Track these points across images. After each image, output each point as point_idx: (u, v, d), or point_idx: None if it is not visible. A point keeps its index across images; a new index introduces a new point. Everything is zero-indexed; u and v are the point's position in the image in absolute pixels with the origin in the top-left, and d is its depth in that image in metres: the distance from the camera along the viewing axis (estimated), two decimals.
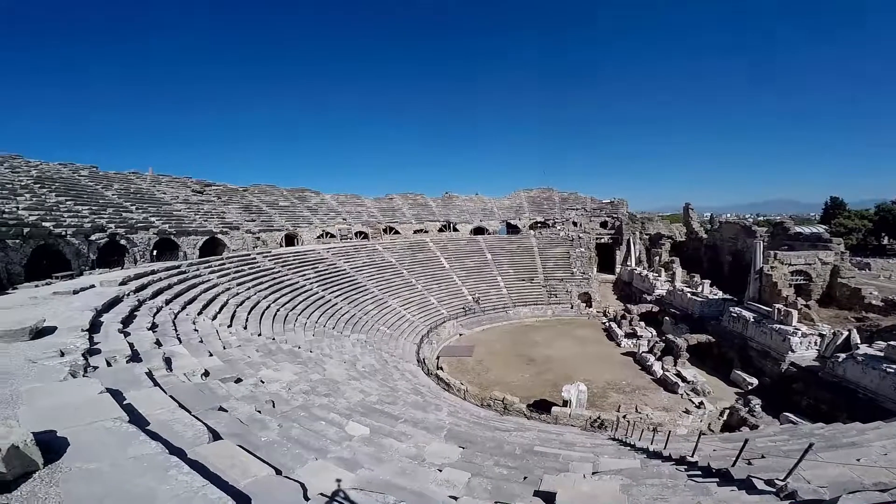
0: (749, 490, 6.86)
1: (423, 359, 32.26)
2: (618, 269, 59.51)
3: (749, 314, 31.91)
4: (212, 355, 12.34)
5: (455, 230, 63.33)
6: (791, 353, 26.87)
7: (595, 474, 8.48)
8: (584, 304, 50.71)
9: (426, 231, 61.88)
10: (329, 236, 54.23)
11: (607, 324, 42.69)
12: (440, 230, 62.83)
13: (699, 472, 8.56)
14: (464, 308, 45.92)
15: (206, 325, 17.44)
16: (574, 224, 64.25)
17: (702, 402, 25.05)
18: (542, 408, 23.68)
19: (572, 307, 49.66)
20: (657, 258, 54.23)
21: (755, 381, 27.75)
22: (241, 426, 7.34)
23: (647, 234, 61.13)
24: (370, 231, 58.03)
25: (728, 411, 24.03)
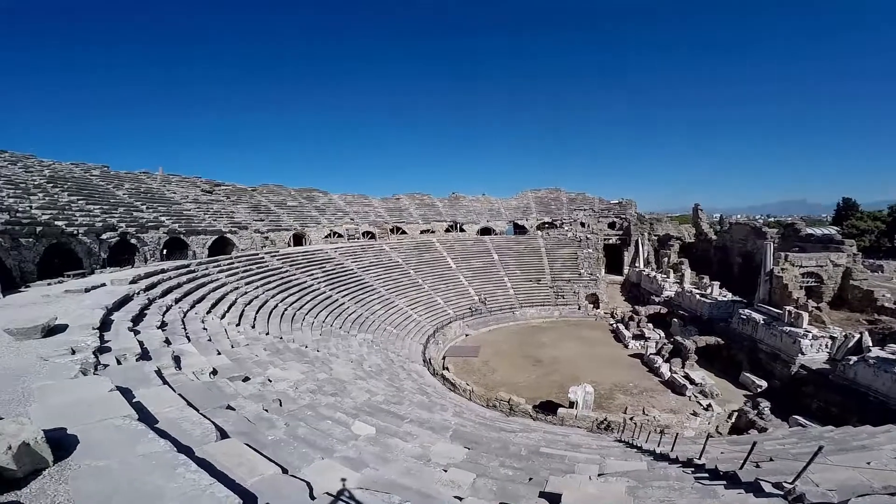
0: (757, 493, 6.81)
1: (429, 359, 32.28)
2: (626, 271, 59.10)
3: (759, 316, 31.58)
4: (220, 354, 12.45)
5: (462, 230, 63.26)
6: (801, 355, 26.57)
7: (601, 476, 8.45)
8: (592, 305, 50.42)
9: (433, 231, 61.85)
10: (337, 236, 54.43)
11: (615, 325, 42.49)
12: (447, 230, 62.79)
13: (706, 475, 8.50)
14: (470, 308, 45.87)
15: (215, 324, 17.60)
16: (582, 225, 63.84)
17: (710, 405, 24.87)
18: (547, 409, 23.61)
19: (579, 308, 49.43)
20: (666, 259, 53.76)
21: (764, 383, 27.48)
22: (248, 425, 7.41)
23: (655, 235, 60.66)
24: (377, 231, 58.16)
25: (736, 414, 23.83)
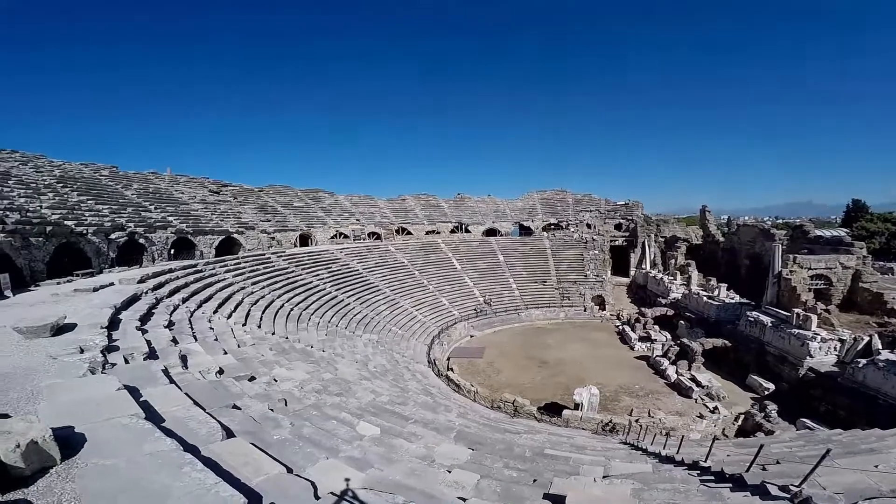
0: (763, 496, 6.75)
1: (433, 360, 32.30)
2: (632, 272, 58.76)
3: (767, 318, 31.29)
4: (226, 353, 12.51)
5: (467, 231, 63.23)
6: (809, 358, 26.30)
7: (606, 478, 8.42)
8: (598, 306, 50.22)
9: (438, 232, 61.90)
10: (342, 237, 54.60)
11: (621, 327, 42.26)
12: (452, 231, 62.81)
13: (712, 478, 8.44)
14: (475, 309, 45.85)
15: (222, 324, 17.70)
16: (588, 226, 63.62)
17: (716, 407, 24.68)
18: (552, 411, 23.53)
19: (585, 310, 49.26)
20: (672, 261, 53.43)
21: (772, 386, 27.24)
22: (254, 424, 7.45)
23: (662, 237, 60.33)
24: (383, 232, 58.28)
25: (743, 416, 23.61)
